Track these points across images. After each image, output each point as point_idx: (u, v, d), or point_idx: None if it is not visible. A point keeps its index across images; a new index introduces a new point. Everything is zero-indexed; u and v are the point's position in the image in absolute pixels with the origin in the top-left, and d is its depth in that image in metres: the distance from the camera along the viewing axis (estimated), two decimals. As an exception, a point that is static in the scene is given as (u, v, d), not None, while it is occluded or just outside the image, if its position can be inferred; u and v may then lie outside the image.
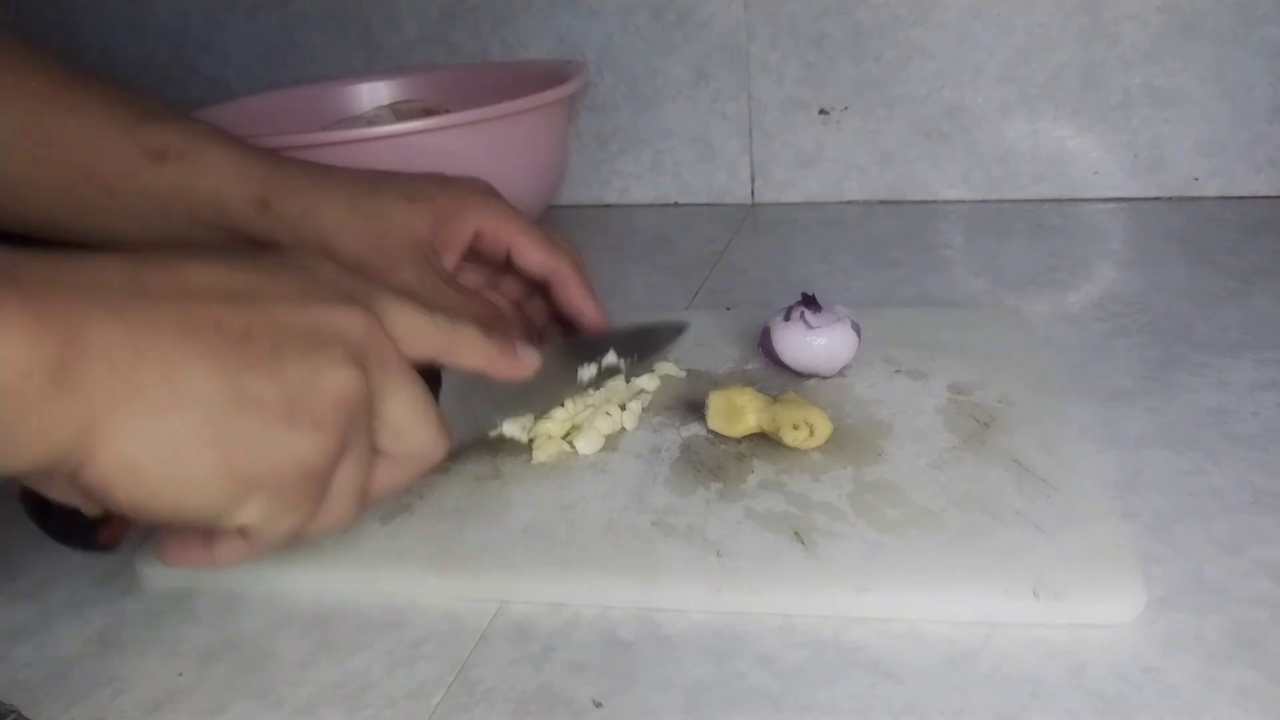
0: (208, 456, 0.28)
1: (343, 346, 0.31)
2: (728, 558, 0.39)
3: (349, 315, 0.32)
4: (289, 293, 0.32)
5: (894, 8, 0.79)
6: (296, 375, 0.30)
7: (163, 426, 0.28)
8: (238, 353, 0.29)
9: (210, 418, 0.28)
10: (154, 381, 0.27)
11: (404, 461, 0.35)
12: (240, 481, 0.29)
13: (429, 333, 0.36)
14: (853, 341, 0.50)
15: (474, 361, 0.39)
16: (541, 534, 0.42)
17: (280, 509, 0.31)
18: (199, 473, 0.28)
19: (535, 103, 0.70)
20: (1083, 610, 0.35)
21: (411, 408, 0.34)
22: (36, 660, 0.39)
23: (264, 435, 0.29)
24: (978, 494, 0.41)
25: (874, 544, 0.39)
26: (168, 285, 0.29)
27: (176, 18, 0.98)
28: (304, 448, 0.30)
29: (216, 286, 0.30)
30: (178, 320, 0.28)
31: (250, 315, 0.30)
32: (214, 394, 0.28)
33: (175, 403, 0.28)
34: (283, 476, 0.30)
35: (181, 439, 0.28)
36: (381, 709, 0.35)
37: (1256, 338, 0.54)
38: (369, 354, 0.32)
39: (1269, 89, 0.74)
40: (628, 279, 0.73)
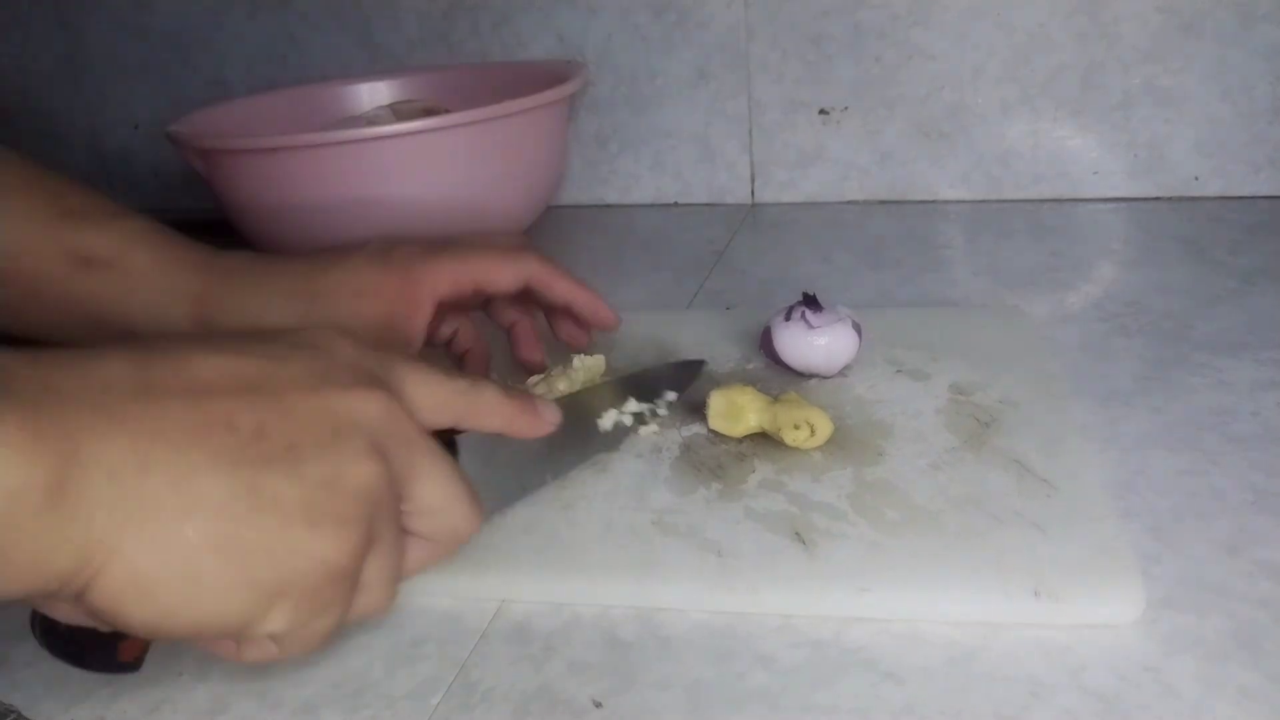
0: (225, 568, 0.27)
1: (362, 435, 0.30)
2: (727, 557, 0.39)
3: (367, 399, 0.30)
4: (303, 379, 0.30)
5: (894, 8, 0.79)
6: (315, 472, 0.28)
7: (174, 537, 0.26)
8: (251, 452, 0.27)
9: (225, 525, 0.26)
10: (162, 490, 0.26)
11: (437, 540, 0.34)
12: (262, 590, 0.27)
13: (451, 399, 0.35)
14: (854, 341, 0.50)
15: (496, 423, 0.37)
16: (542, 532, 0.42)
17: (309, 612, 0.29)
18: (216, 586, 0.27)
19: (535, 103, 0.70)
20: (1082, 611, 0.35)
21: (442, 486, 0.32)
22: (36, 660, 0.39)
23: (284, 539, 0.27)
24: (978, 495, 0.41)
25: (873, 544, 0.39)
26: (175, 382, 0.27)
27: (176, 18, 0.98)
28: (328, 548, 0.28)
29: (226, 378, 0.28)
30: (186, 422, 0.27)
31: (263, 410, 0.28)
32: (228, 498, 0.26)
33: (186, 510, 0.26)
34: (308, 581, 0.28)
35: (194, 549, 0.26)
36: (381, 709, 0.35)
37: (1256, 338, 0.54)
38: (391, 437, 0.31)
39: (1269, 89, 0.74)
40: (628, 279, 0.73)
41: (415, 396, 0.33)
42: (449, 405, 0.35)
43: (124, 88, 1.03)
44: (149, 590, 0.26)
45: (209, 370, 0.28)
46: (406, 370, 0.33)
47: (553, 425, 0.39)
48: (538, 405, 0.39)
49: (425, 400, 0.33)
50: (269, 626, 0.28)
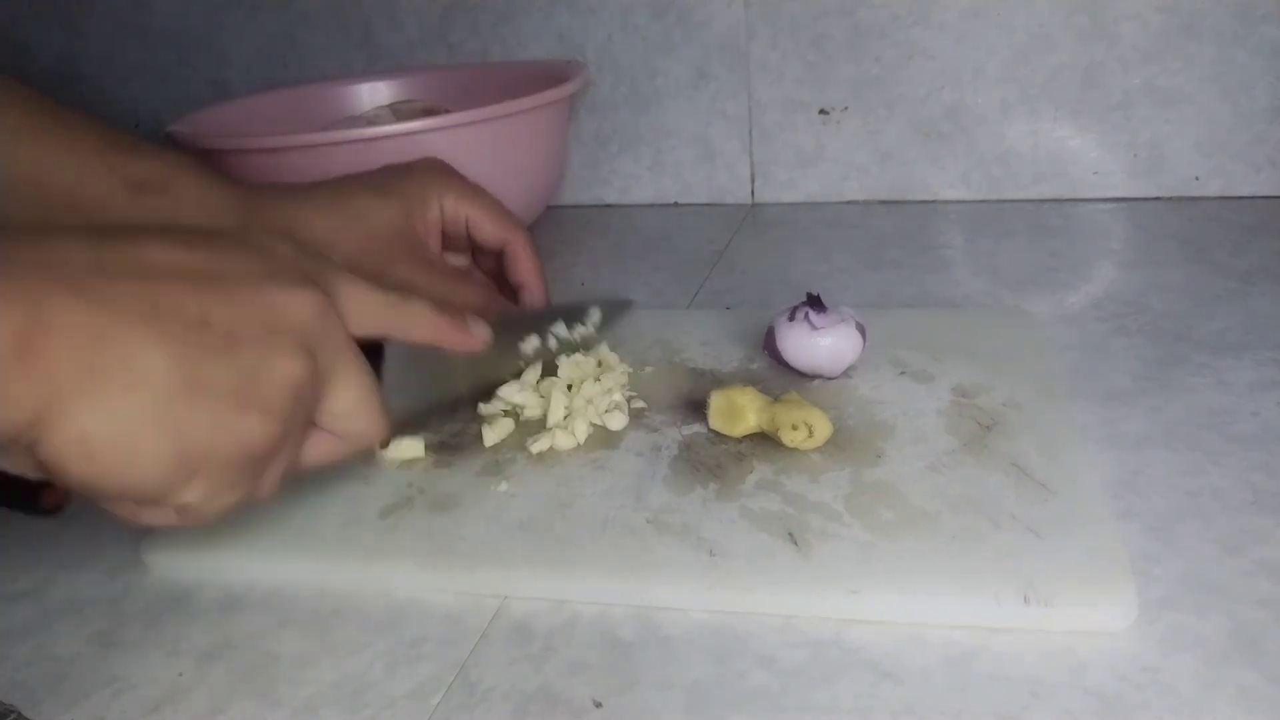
0: (160, 439, 0.29)
1: (295, 333, 0.32)
2: (720, 557, 0.39)
3: (303, 298, 0.33)
4: (246, 274, 0.32)
5: (894, 8, 0.79)
6: (249, 362, 0.31)
7: (120, 408, 0.28)
8: (195, 338, 0.30)
9: (165, 401, 0.29)
10: (113, 363, 0.28)
11: (341, 440, 0.36)
12: (187, 464, 0.30)
13: (381, 309, 0.37)
14: (857, 342, 0.50)
15: (425, 335, 0.40)
16: (539, 530, 0.42)
17: (220, 489, 0.31)
18: (150, 454, 0.29)
19: (535, 103, 0.70)
20: (1073, 617, 0.35)
21: (356, 393, 0.35)
22: (36, 660, 0.39)
23: (214, 420, 0.30)
24: (975, 497, 0.41)
25: (867, 546, 0.38)
26: (129, 264, 0.30)
27: (177, 18, 0.98)
28: (251, 432, 0.31)
29: (176, 266, 0.31)
30: (138, 302, 0.29)
31: (208, 299, 0.30)
32: (170, 378, 0.29)
33: (133, 385, 0.28)
34: (228, 459, 0.31)
35: (137, 421, 0.28)
36: (381, 709, 0.35)
37: (1256, 338, 0.54)
38: (320, 338, 0.33)
39: (1269, 89, 0.74)
40: (628, 279, 0.73)
41: (347, 304, 0.35)
42: (379, 314, 0.37)
43: (124, 88, 1.03)
44: (91, 451, 0.28)
45: (160, 256, 0.31)
46: (341, 278, 0.36)
47: (482, 342, 0.42)
48: (468, 321, 0.42)
49: (356, 307, 0.36)
50: (184, 496, 0.31)
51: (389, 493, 0.46)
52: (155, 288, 0.29)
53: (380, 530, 0.43)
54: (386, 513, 0.44)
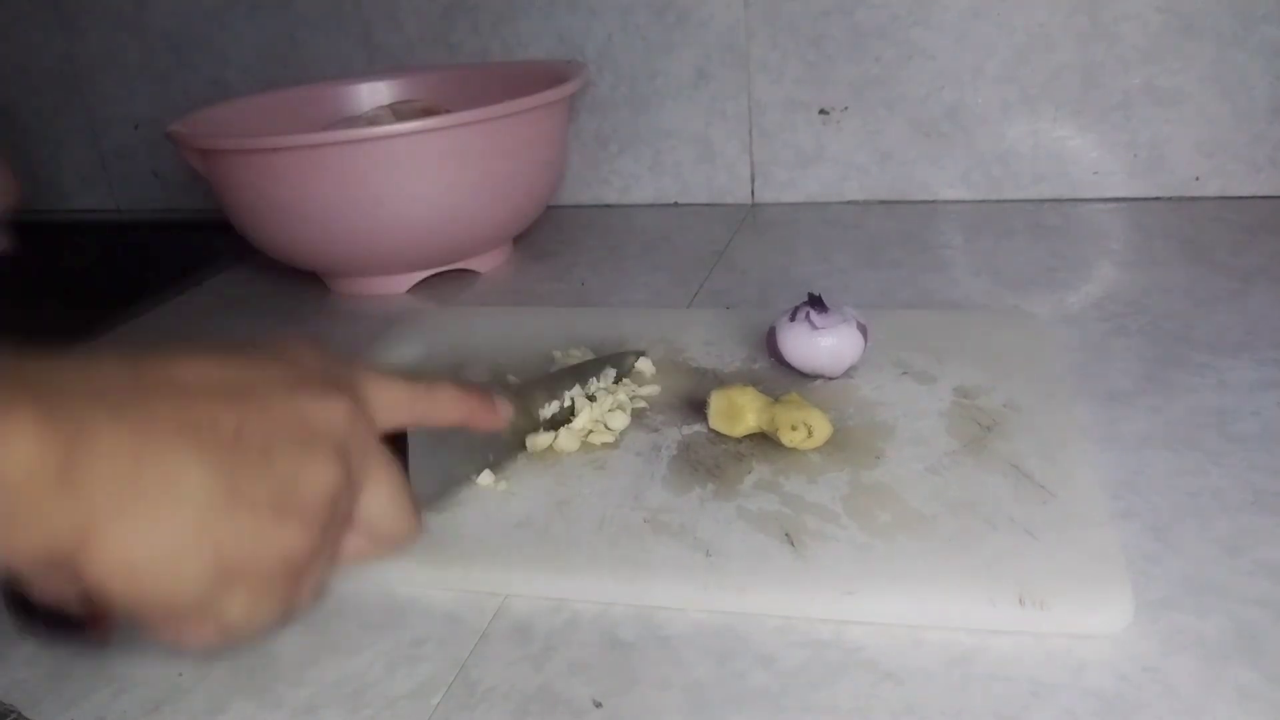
0: (200, 554, 0.29)
1: (328, 440, 0.33)
2: (716, 557, 0.39)
3: (334, 405, 0.33)
4: (278, 385, 0.33)
5: (894, 8, 0.78)
6: (285, 472, 0.31)
7: (161, 525, 0.28)
8: (231, 450, 0.30)
9: (205, 516, 0.29)
10: (153, 481, 0.28)
11: (376, 541, 0.36)
12: (228, 576, 0.30)
13: (410, 401, 0.38)
14: (858, 343, 0.50)
15: (453, 418, 0.40)
16: (536, 529, 0.42)
17: (261, 599, 0.31)
18: (191, 569, 0.29)
19: (535, 103, 0.70)
20: (1068, 620, 0.35)
21: (388, 494, 0.35)
22: (36, 660, 0.39)
23: (254, 532, 0.30)
24: (973, 499, 0.41)
25: (863, 547, 0.38)
26: (164, 382, 0.30)
27: (176, 18, 0.98)
28: (289, 542, 0.31)
29: (209, 382, 0.31)
30: (174, 418, 0.29)
31: (242, 412, 0.31)
32: (209, 492, 0.29)
33: (173, 502, 0.29)
34: (269, 569, 0.31)
35: (178, 537, 0.29)
36: (381, 709, 0.35)
37: (1256, 338, 0.54)
38: (351, 443, 0.34)
39: (1269, 89, 0.74)
40: (628, 279, 0.73)
41: (378, 401, 0.36)
42: (411, 406, 0.38)
43: (124, 88, 1.03)
44: (132, 569, 0.28)
45: (194, 374, 0.31)
46: (368, 377, 0.37)
47: (506, 418, 0.43)
48: (493, 399, 0.42)
49: (387, 403, 0.37)
50: (226, 610, 0.31)
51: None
52: (191, 404, 0.30)
53: None
54: None
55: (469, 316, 0.67)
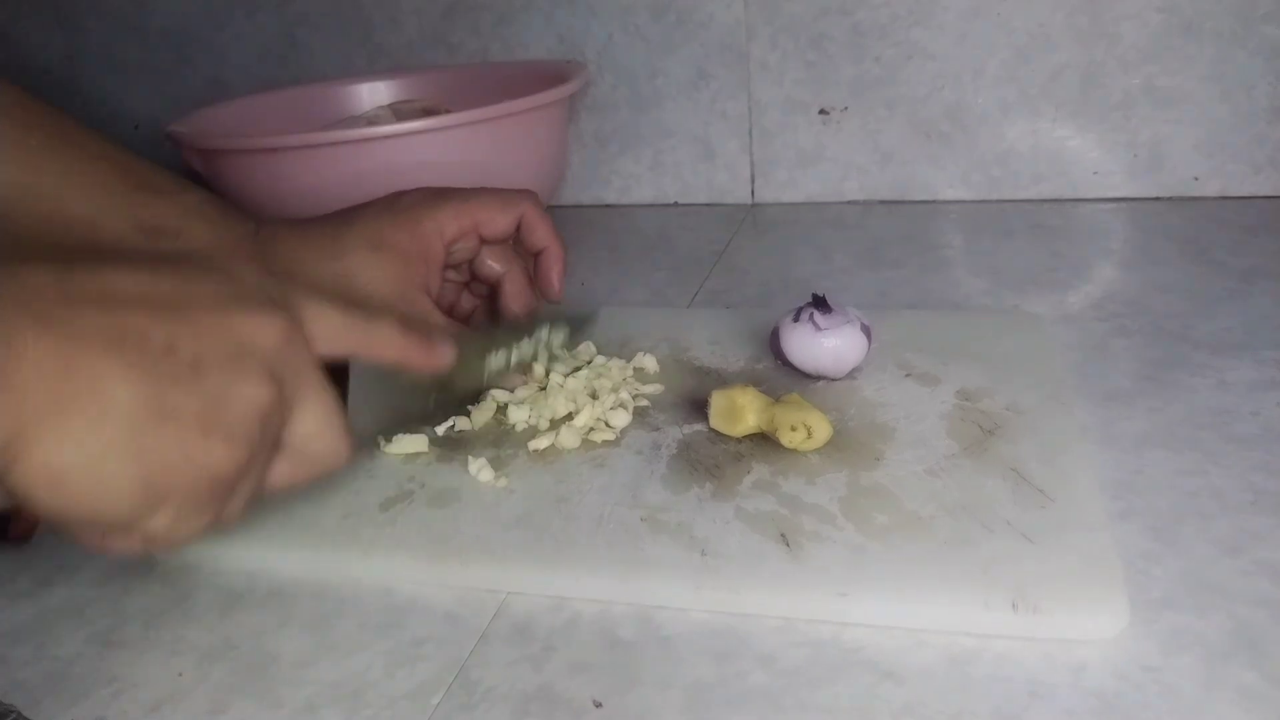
0: (127, 468, 0.29)
1: (260, 358, 0.32)
2: (711, 556, 0.39)
3: (269, 322, 0.33)
4: (211, 300, 0.32)
5: (894, 8, 0.79)
6: (214, 388, 0.31)
7: (88, 437, 0.28)
8: (160, 366, 0.30)
9: (132, 430, 0.29)
10: (81, 393, 0.28)
11: (306, 463, 0.36)
12: (154, 491, 0.30)
13: (347, 331, 0.37)
14: (862, 344, 0.50)
15: (391, 355, 0.40)
16: (534, 525, 0.42)
17: (187, 515, 0.31)
18: (117, 482, 0.29)
19: (535, 103, 0.70)
20: (1061, 625, 0.34)
21: (321, 417, 0.35)
22: (36, 660, 0.39)
23: (180, 448, 0.30)
24: (971, 502, 0.40)
25: (858, 549, 0.38)
26: (95, 292, 0.30)
27: (176, 18, 0.98)
28: (217, 459, 0.31)
29: (142, 293, 0.31)
30: (105, 331, 0.29)
31: (174, 326, 0.31)
32: (136, 407, 0.29)
33: (100, 414, 0.28)
34: (195, 486, 0.31)
35: (104, 450, 0.29)
36: (381, 709, 0.35)
37: (1256, 338, 0.54)
38: (285, 363, 0.33)
39: (1269, 89, 0.74)
40: (628, 279, 0.73)
41: (313, 326, 0.36)
42: (346, 336, 0.38)
43: (124, 88, 1.03)
44: (59, 480, 0.28)
45: (125, 284, 0.31)
46: (307, 300, 0.36)
47: (446, 361, 0.42)
48: (433, 341, 0.42)
49: (322, 329, 0.36)
50: (152, 524, 0.31)
51: (390, 486, 0.46)
52: (121, 316, 0.30)
53: (380, 523, 0.43)
54: (387, 506, 0.44)
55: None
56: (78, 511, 0.29)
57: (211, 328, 0.32)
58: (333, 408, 0.35)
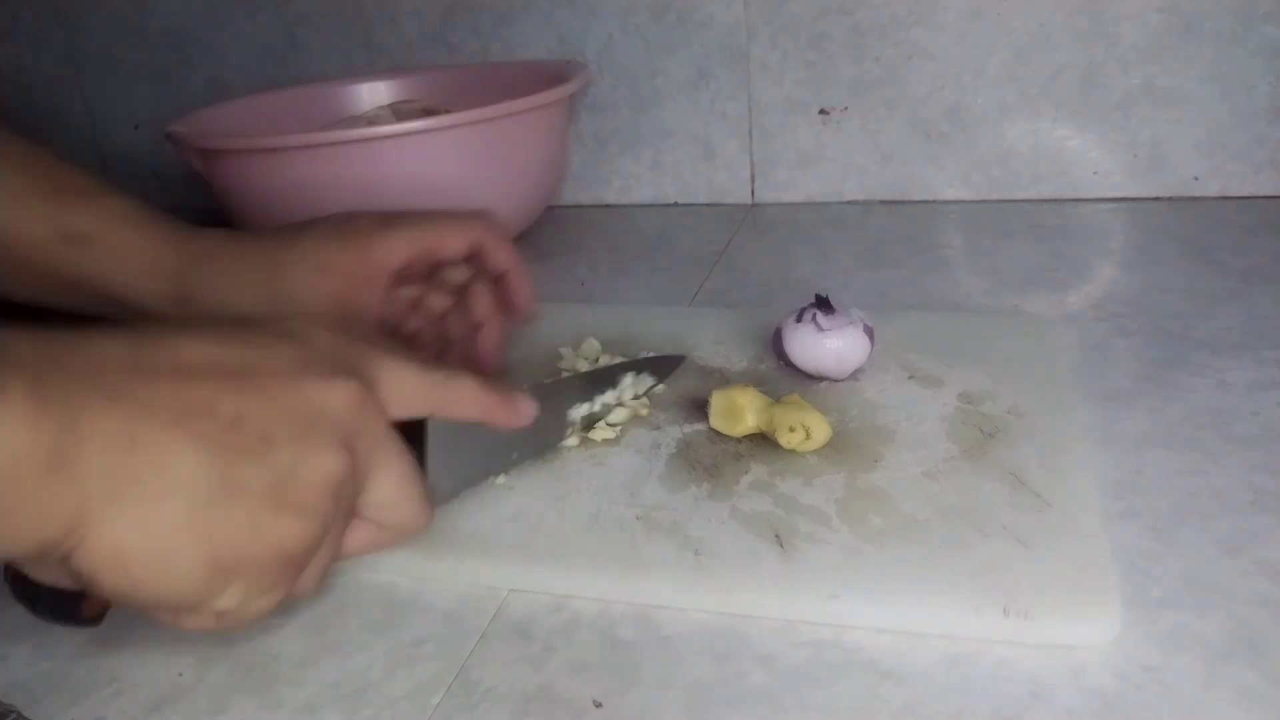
0: (194, 547, 0.28)
1: (332, 428, 0.31)
2: (704, 556, 0.39)
3: (341, 391, 0.32)
4: (282, 369, 0.31)
5: (894, 8, 0.79)
6: (285, 461, 0.30)
7: (153, 516, 0.27)
8: (229, 440, 0.29)
9: (199, 507, 0.28)
10: (146, 469, 0.27)
11: (385, 531, 0.35)
12: (222, 569, 0.29)
13: (425, 390, 0.36)
14: (864, 345, 0.50)
15: (472, 413, 0.39)
16: (530, 522, 0.42)
17: (258, 592, 0.30)
18: (184, 562, 0.28)
19: (535, 103, 0.70)
20: (1052, 631, 0.34)
21: (397, 485, 0.34)
22: (36, 660, 0.39)
23: (250, 524, 0.29)
24: (967, 506, 0.40)
25: (852, 551, 0.38)
26: (165, 365, 0.29)
27: (176, 18, 0.98)
28: (288, 535, 0.30)
29: (212, 365, 0.30)
30: (172, 405, 0.28)
31: (243, 398, 0.30)
32: (204, 482, 0.28)
33: (166, 491, 0.28)
34: (265, 563, 0.30)
35: (170, 529, 0.28)
36: (381, 709, 0.35)
37: (1256, 338, 0.54)
38: (358, 431, 0.32)
39: (1269, 89, 0.74)
40: (628, 279, 0.73)
41: (390, 388, 0.34)
42: (426, 396, 0.36)
43: (124, 88, 1.03)
44: (124, 561, 0.27)
45: (195, 355, 0.30)
46: (383, 361, 0.35)
47: (529, 417, 0.41)
48: (515, 397, 0.41)
49: (401, 391, 0.35)
50: (221, 603, 0.30)
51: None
52: (189, 388, 0.29)
53: None
54: None
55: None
56: (144, 592, 0.28)
57: (282, 397, 0.30)
58: (409, 474, 0.34)
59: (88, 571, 0.27)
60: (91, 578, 0.28)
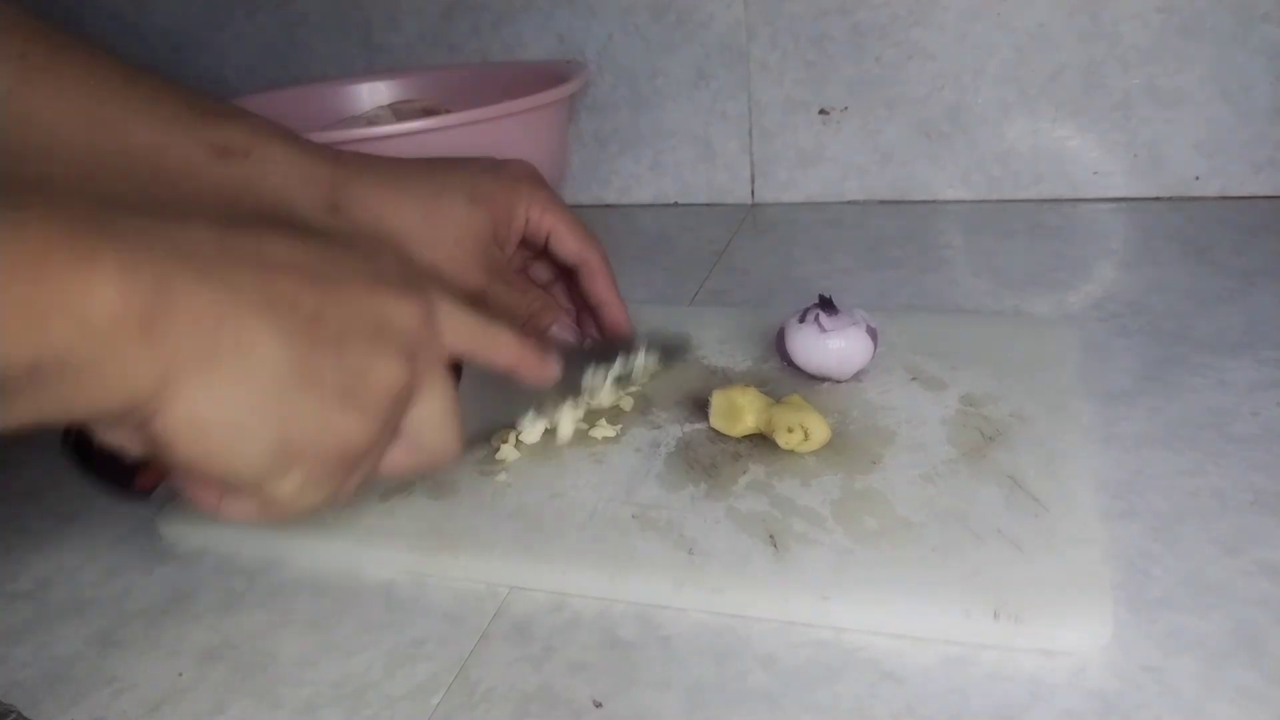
0: (268, 426, 0.30)
1: (400, 338, 0.33)
2: (697, 555, 0.39)
3: (410, 306, 0.34)
4: (359, 276, 0.33)
5: (894, 8, 0.79)
6: (356, 361, 0.31)
7: (233, 391, 0.29)
8: (308, 331, 0.30)
9: (276, 390, 0.29)
10: (231, 347, 0.28)
11: (418, 453, 0.36)
12: (289, 454, 0.30)
13: (471, 331, 0.38)
14: (867, 346, 0.50)
15: (506, 361, 0.40)
16: (526, 519, 0.42)
17: (313, 483, 0.32)
18: (256, 440, 0.29)
19: (535, 103, 0.70)
20: (1041, 636, 0.34)
21: (442, 409, 0.35)
22: (36, 660, 0.39)
23: (320, 414, 0.30)
24: (963, 509, 0.40)
25: (845, 553, 0.38)
26: (251, 254, 0.30)
27: (176, 18, 0.98)
28: (351, 430, 0.31)
29: (295, 262, 0.31)
30: (258, 291, 0.29)
31: (323, 296, 0.31)
32: (284, 368, 0.29)
33: (248, 370, 0.29)
34: (327, 454, 0.31)
35: (248, 405, 0.29)
36: (381, 709, 0.35)
37: (1256, 338, 0.54)
38: (420, 349, 0.34)
39: (1269, 89, 0.74)
40: (628, 279, 0.73)
41: (442, 321, 0.36)
42: (470, 335, 0.38)
43: (124, 88, 1.03)
44: (201, 433, 0.29)
45: (280, 250, 0.31)
46: (439, 294, 0.36)
47: (555, 374, 0.43)
48: (546, 355, 0.42)
49: (449, 326, 0.36)
50: (280, 487, 0.31)
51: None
52: (275, 279, 0.30)
53: (379, 513, 0.44)
54: (387, 496, 0.45)
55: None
56: (213, 464, 0.29)
57: (357, 302, 0.32)
58: (452, 400, 0.36)
59: (164, 437, 0.28)
60: (167, 444, 0.29)
